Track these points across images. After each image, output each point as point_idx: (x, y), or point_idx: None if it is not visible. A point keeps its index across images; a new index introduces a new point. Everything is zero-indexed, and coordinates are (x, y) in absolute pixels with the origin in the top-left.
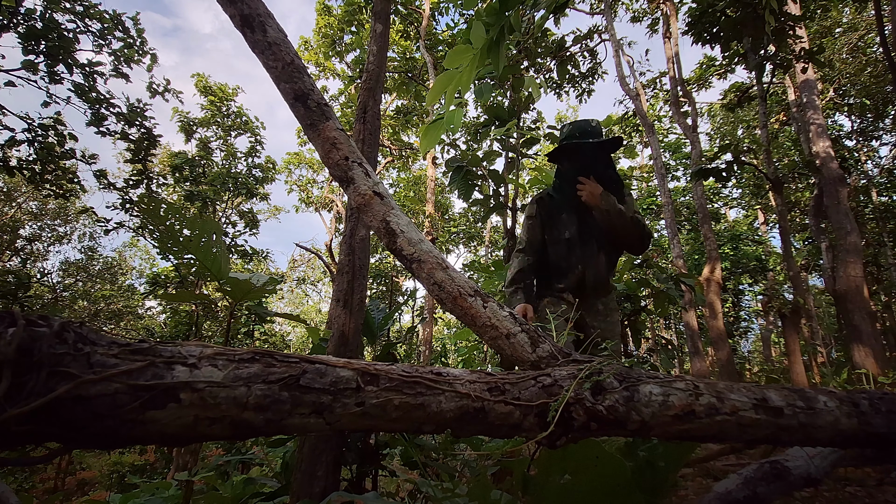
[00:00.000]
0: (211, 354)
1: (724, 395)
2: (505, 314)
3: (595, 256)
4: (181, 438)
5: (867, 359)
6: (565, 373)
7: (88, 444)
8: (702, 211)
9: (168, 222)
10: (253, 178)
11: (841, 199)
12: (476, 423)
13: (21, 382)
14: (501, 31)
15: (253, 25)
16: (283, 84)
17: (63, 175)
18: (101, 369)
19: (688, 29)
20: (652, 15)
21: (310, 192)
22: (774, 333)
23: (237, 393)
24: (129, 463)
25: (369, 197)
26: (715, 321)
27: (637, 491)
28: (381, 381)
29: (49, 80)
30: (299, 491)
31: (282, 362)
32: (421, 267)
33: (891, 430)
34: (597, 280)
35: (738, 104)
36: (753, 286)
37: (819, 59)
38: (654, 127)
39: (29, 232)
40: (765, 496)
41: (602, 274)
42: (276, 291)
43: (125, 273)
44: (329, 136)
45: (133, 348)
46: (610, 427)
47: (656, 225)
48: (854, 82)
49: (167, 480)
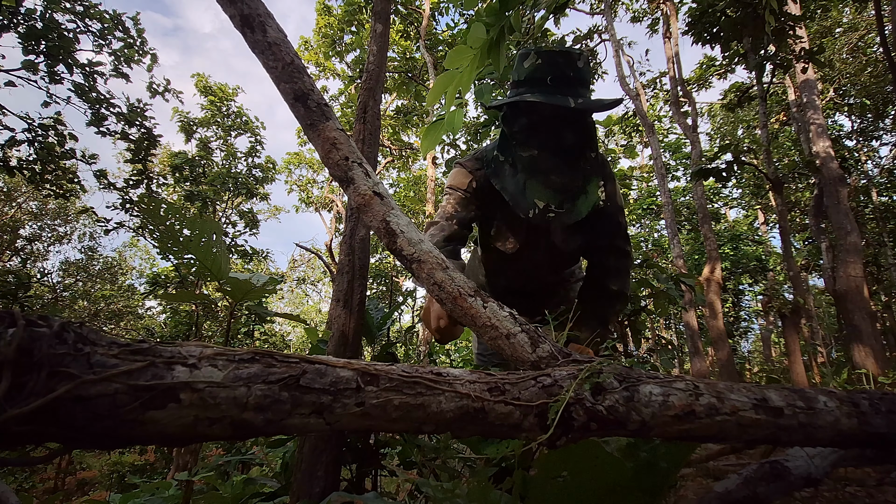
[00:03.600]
0: (211, 355)
1: (724, 395)
2: (505, 314)
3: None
4: (181, 439)
5: (867, 359)
6: (565, 373)
7: (88, 444)
8: (702, 211)
9: (168, 222)
10: (253, 178)
11: (841, 199)
12: (476, 424)
13: (21, 383)
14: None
15: (253, 26)
16: (283, 84)
17: (63, 175)
18: (101, 369)
19: (688, 29)
20: (652, 15)
21: (310, 192)
22: (774, 333)
23: (237, 393)
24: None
25: (369, 197)
26: (715, 321)
27: (637, 491)
28: (381, 382)
29: (49, 80)
30: (299, 491)
31: (282, 362)
32: (421, 267)
33: (891, 430)
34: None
35: (738, 104)
36: (753, 286)
37: (819, 59)
38: (654, 127)
39: (29, 232)
40: (765, 496)
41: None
42: (276, 291)
43: (125, 273)
44: (329, 136)
45: (133, 348)
46: (610, 427)
47: (656, 225)
48: (854, 82)
49: (167, 480)
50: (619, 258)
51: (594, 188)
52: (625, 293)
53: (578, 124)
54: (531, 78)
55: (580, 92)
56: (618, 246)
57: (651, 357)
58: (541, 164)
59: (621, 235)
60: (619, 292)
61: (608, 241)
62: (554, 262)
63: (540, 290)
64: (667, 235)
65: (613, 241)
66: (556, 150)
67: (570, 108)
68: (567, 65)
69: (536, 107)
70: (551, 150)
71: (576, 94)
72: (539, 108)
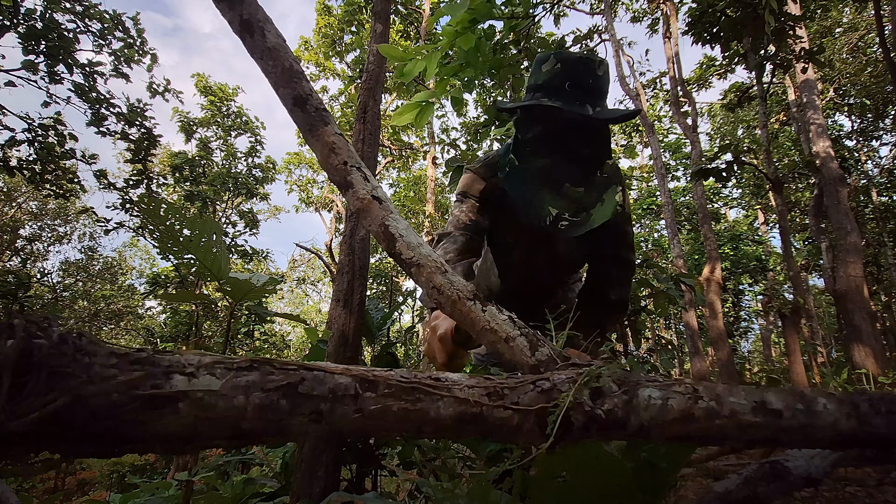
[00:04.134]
0: (209, 363)
1: (723, 397)
2: (504, 317)
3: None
4: (180, 447)
5: (867, 359)
6: (564, 377)
7: (87, 453)
8: (702, 211)
9: (168, 222)
10: (253, 178)
11: (841, 199)
12: (474, 428)
13: (21, 392)
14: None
15: (252, 30)
16: (281, 89)
17: (63, 175)
18: (100, 380)
19: (688, 29)
20: (652, 15)
21: (310, 192)
22: (774, 333)
23: (235, 402)
24: (129, 463)
25: (368, 201)
26: (715, 321)
27: (637, 491)
28: (379, 388)
29: (49, 80)
30: (299, 491)
31: (280, 370)
32: (420, 271)
33: (891, 430)
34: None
35: (738, 104)
36: (753, 286)
37: (819, 59)
38: (654, 127)
39: (29, 232)
40: (765, 496)
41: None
42: (276, 291)
43: (125, 273)
44: (328, 140)
45: (132, 358)
46: (609, 431)
47: (656, 225)
48: (854, 82)
49: (167, 480)
50: (621, 268)
51: (611, 198)
52: (625, 302)
53: (595, 134)
54: (549, 83)
55: (598, 101)
56: (622, 256)
57: (651, 357)
58: (555, 173)
59: (626, 245)
60: (618, 301)
61: (613, 251)
62: (556, 269)
63: (540, 292)
64: (667, 235)
65: (618, 251)
66: (571, 159)
67: (588, 117)
68: (586, 72)
69: (552, 114)
70: (566, 159)
71: (594, 103)
72: (555, 115)
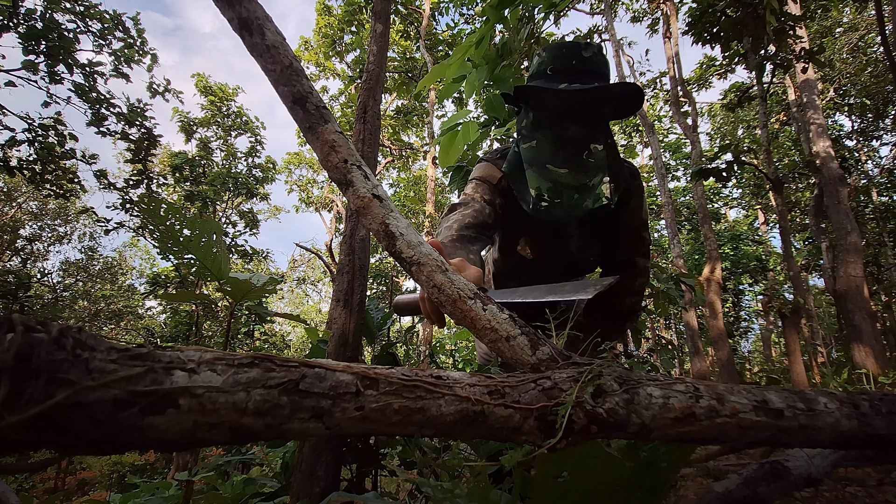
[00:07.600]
0: (210, 359)
1: (725, 397)
2: (505, 317)
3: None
4: (180, 444)
5: (867, 359)
6: (565, 375)
7: (87, 450)
8: (702, 211)
9: (168, 222)
10: (253, 178)
11: (841, 198)
12: (476, 427)
13: (19, 389)
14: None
15: (251, 29)
16: (281, 87)
17: (63, 175)
18: (99, 375)
19: (688, 29)
20: (652, 15)
21: (310, 192)
22: (774, 333)
23: (236, 398)
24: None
25: (368, 200)
26: (715, 321)
27: (637, 491)
28: (380, 386)
29: (49, 80)
30: (299, 491)
31: (281, 367)
32: (420, 269)
33: (891, 431)
34: None
35: (738, 104)
36: (753, 286)
37: (819, 59)
38: (654, 127)
39: (29, 232)
40: (765, 496)
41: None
42: (276, 291)
43: (125, 273)
44: (328, 139)
45: (132, 354)
46: (610, 429)
47: (656, 225)
48: (854, 82)
49: (167, 480)
50: (637, 275)
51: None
52: (637, 310)
53: (581, 113)
54: (536, 73)
55: (587, 81)
56: (638, 263)
57: (651, 357)
58: (539, 155)
59: (643, 252)
60: (631, 309)
61: (629, 257)
62: (567, 270)
63: None
64: (667, 235)
65: (634, 258)
66: (555, 139)
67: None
68: (570, 56)
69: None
70: (549, 140)
71: (584, 83)
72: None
